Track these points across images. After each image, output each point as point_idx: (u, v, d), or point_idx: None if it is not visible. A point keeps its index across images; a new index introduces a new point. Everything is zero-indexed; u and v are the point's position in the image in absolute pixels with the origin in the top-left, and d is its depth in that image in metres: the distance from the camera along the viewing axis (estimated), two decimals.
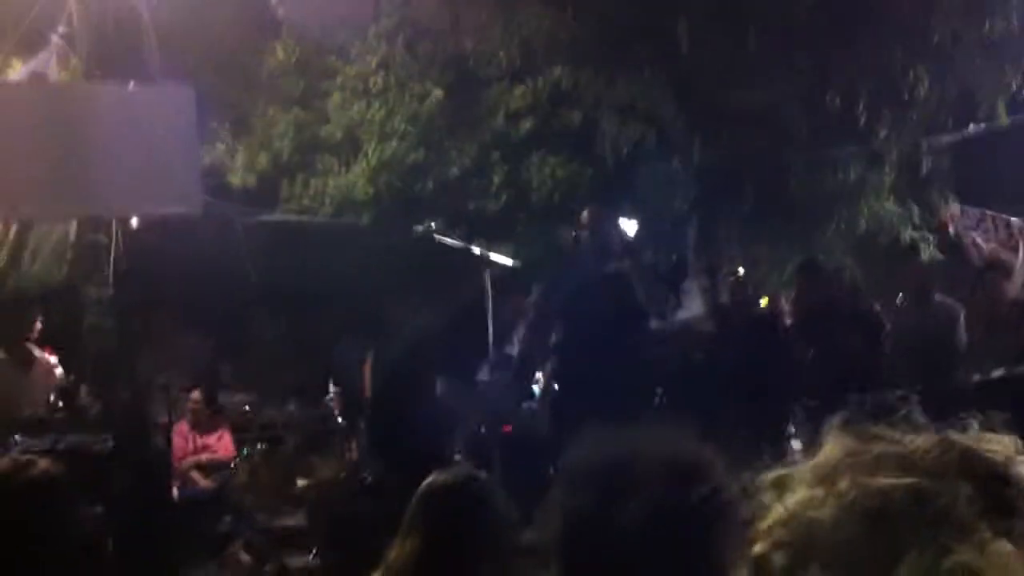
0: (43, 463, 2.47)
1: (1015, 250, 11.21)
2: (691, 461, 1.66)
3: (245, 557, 7.75)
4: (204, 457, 8.19)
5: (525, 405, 9.25)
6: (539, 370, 10.22)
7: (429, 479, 2.94)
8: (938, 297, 9.04)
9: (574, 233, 11.80)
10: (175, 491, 7.64)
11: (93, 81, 7.54)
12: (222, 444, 8.32)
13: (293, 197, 10.71)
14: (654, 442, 1.70)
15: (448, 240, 5.32)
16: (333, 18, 11.32)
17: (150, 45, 8.34)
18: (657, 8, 12.09)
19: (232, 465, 8.12)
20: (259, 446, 8.24)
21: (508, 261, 5.38)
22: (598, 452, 1.73)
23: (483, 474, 3.01)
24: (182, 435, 8.15)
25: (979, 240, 11.54)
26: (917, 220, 13.19)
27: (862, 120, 12.86)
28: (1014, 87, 12.22)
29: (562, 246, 11.91)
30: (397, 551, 2.91)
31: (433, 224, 5.38)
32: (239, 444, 8.37)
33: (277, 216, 10.28)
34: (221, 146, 10.73)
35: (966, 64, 12.58)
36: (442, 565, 2.82)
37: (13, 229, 7.42)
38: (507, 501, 2.98)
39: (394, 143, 10.65)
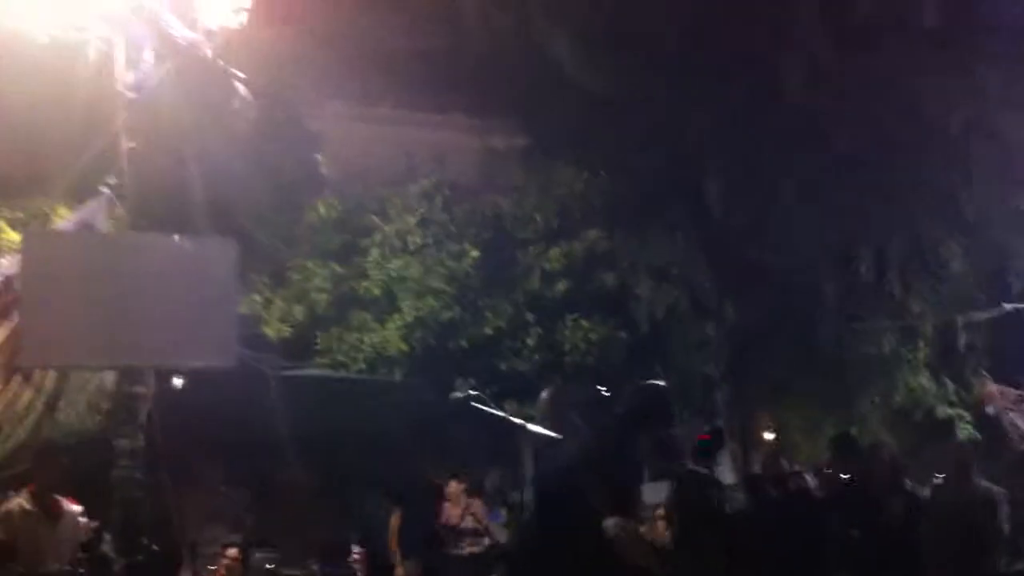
0: None
1: None
2: None
3: None
4: None
5: None
6: None
7: None
8: (978, 479, 8.82)
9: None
10: None
11: (139, 231, 7.64)
12: None
13: (327, 350, 10.72)
14: None
15: (486, 408, 5.27)
16: (375, 178, 11.58)
17: (196, 197, 8.50)
18: (690, 173, 12.29)
19: None
20: None
21: (550, 434, 5.31)
22: None
23: None
24: None
25: (1018, 421, 11.38)
26: (952, 396, 13.03)
27: (895, 291, 12.88)
28: None
29: None
30: None
31: (471, 392, 5.33)
32: None
33: (309, 370, 10.26)
34: (258, 297, 10.81)
35: (999, 241, 12.66)
36: None
37: (51, 376, 7.42)
38: None
39: (430, 300, 10.72)
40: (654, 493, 7.77)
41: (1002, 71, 11.66)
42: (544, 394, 5.76)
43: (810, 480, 9.90)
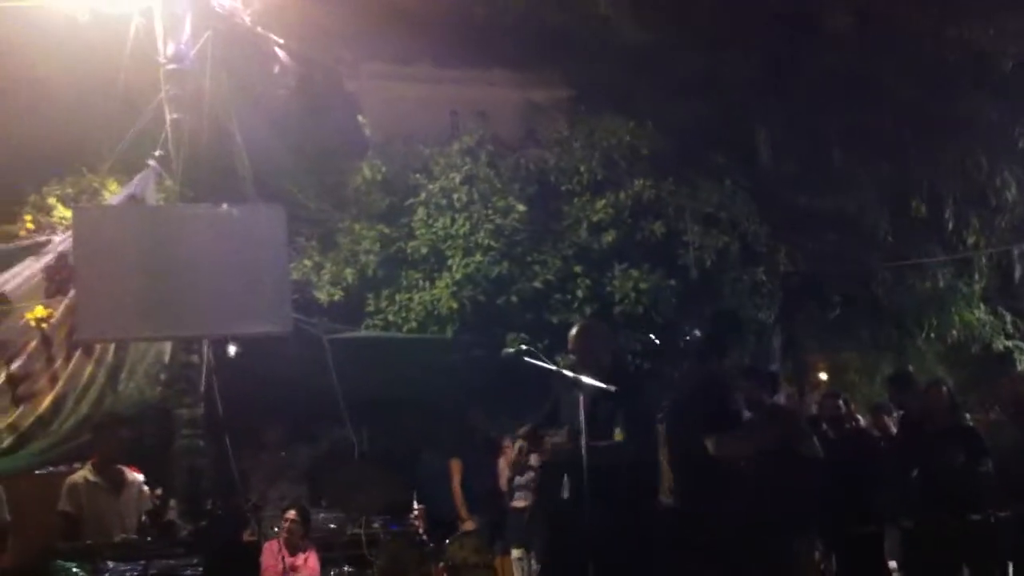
0: None
1: None
2: None
3: None
4: None
5: None
6: None
7: None
8: None
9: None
10: None
11: (187, 202, 7.71)
12: (308, 565, 8.23)
13: (378, 311, 10.81)
14: None
15: (539, 362, 5.29)
16: (418, 137, 11.59)
17: (242, 165, 8.55)
18: (737, 120, 12.17)
19: None
20: (345, 568, 8.12)
21: (603, 386, 5.32)
22: None
23: None
24: (272, 554, 8.09)
25: None
26: (1010, 328, 12.87)
27: (949, 226, 12.71)
28: None
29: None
30: None
31: (524, 347, 5.35)
32: (324, 564, 8.28)
33: (363, 332, 10.36)
34: (308, 262, 10.91)
35: None
36: None
37: (111, 350, 7.55)
38: None
39: (478, 257, 10.74)
40: None
41: None
42: (573, 331, 5.74)
43: (864, 421, 9.86)
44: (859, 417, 9.73)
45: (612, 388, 5.44)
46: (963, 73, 12.02)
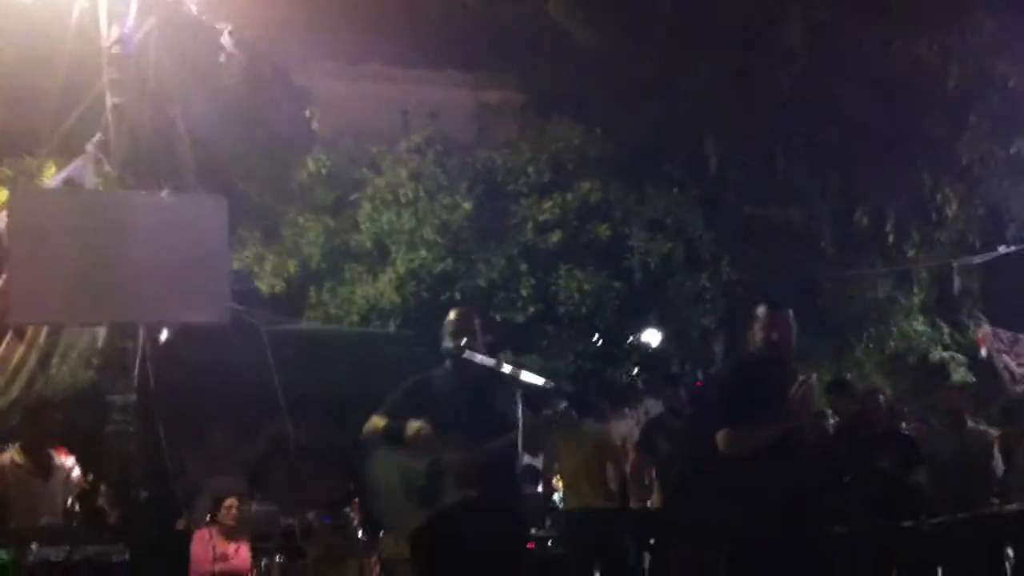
0: None
1: None
2: None
3: None
4: (219, 568, 8.00)
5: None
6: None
7: None
8: (971, 422, 8.85)
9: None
10: None
11: (127, 188, 7.58)
12: (239, 555, 8.13)
13: (320, 304, 10.73)
14: None
15: (478, 357, 5.25)
16: (366, 134, 11.53)
17: (184, 153, 8.44)
18: (687, 126, 12.24)
19: None
20: (277, 558, 8.03)
21: (540, 381, 5.28)
22: None
23: None
24: (203, 542, 7.98)
25: (1011, 363, 11.40)
26: (947, 340, 13.06)
27: (891, 239, 12.87)
28: None
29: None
30: None
31: (464, 340, 5.30)
32: (257, 555, 8.18)
33: (303, 324, 10.28)
34: (250, 253, 10.81)
35: (994, 185, 12.62)
36: None
37: (44, 333, 7.41)
38: None
39: (423, 252, 10.71)
40: None
41: (999, 20, 11.58)
42: (451, 315, 5.59)
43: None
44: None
45: (550, 384, 5.39)
46: (909, 89, 12.18)
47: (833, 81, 12.24)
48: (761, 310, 5.41)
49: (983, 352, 11.82)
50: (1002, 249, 12.86)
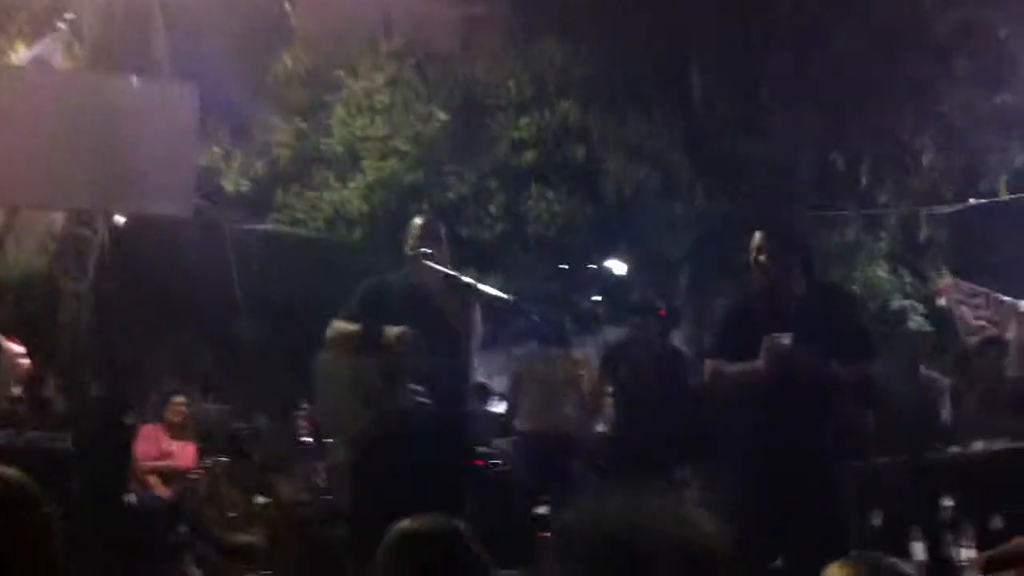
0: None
1: (1004, 328, 11.14)
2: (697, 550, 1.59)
3: (196, 571, 7.56)
4: (162, 464, 7.99)
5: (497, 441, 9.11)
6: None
7: (400, 526, 2.75)
8: (924, 369, 8.95)
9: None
10: (132, 496, 7.45)
11: (96, 71, 7.41)
12: (185, 453, 8.11)
13: (286, 207, 10.59)
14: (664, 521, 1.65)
15: (439, 268, 5.17)
16: (345, 30, 11.26)
17: (158, 39, 8.24)
18: (673, 53, 12.07)
19: (192, 476, 7.90)
20: (222, 458, 8.02)
21: (500, 294, 5.24)
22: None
23: (461, 524, 2.81)
24: (147, 439, 7.94)
25: (968, 315, 11.46)
26: (908, 288, 13.11)
27: (864, 183, 12.84)
28: (1018, 163, 12.21)
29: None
30: None
31: (425, 251, 5.23)
32: (202, 454, 8.16)
33: (267, 225, 10.15)
34: (218, 149, 10.62)
35: (972, 136, 12.58)
36: None
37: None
38: (486, 554, 2.80)
39: (393, 162, 10.56)
40: None
41: None
42: (415, 220, 5.47)
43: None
44: None
45: (509, 297, 5.35)
46: (899, 31, 12.05)
47: (823, 19, 12.09)
48: (755, 239, 5.02)
49: (942, 302, 11.85)
50: (972, 201, 12.87)
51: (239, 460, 7.91)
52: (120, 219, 7.53)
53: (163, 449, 7.94)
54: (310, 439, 8.33)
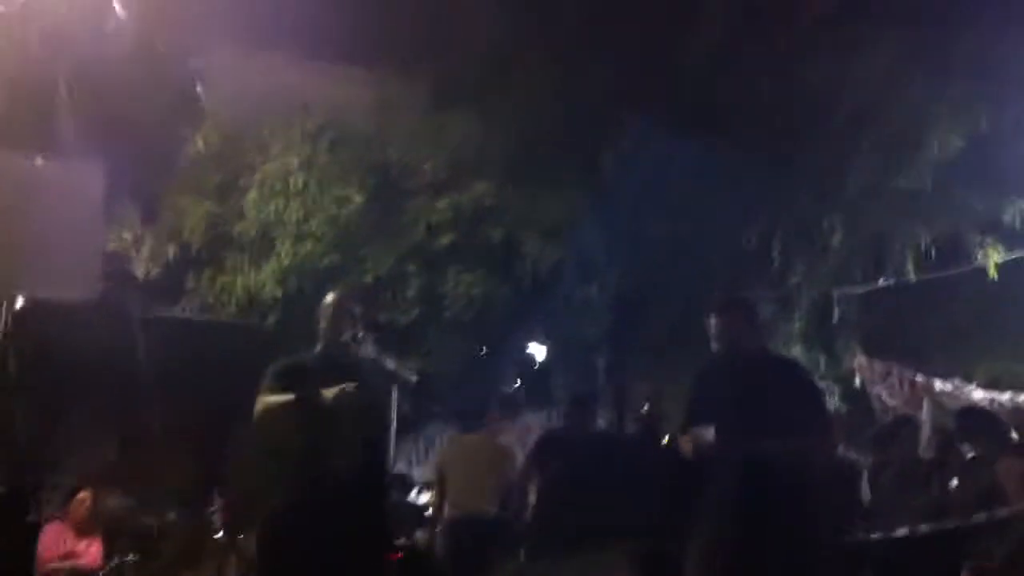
0: None
1: (918, 406, 11.30)
2: None
3: None
4: (68, 564, 7.56)
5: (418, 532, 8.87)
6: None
7: None
8: (841, 450, 8.98)
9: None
10: None
11: None
12: (90, 552, 7.70)
13: (198, 292, 10.32)
14: None
15: (367, 352, 5.03)
16: (258, 112, 11.11)
17: (65, 119, 8.04)
18: (585, 132, 12.17)
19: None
20: (131, 556, 7.62)
21: (407, 375, 5.11)
22: None
23: None
24: (52, 538, 7.53)
25: (884, 394, 11.62)
26: (823, 368, 13.25)
27: (776, 263, 13.02)
28: (924, 244, 12.50)
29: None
30: None
31: (357, 333, 5.08)
32: (109, 552, 7.75)
33: (178, 312, 9.85)
34: (127, 233, 10.33)
35: (878, 217, 12.87)
36: None
37: None
38: None
39: (308, 245, 10.38)
40: None
41: (895, 52, 11.80)
42: (329, 298, 5.36)
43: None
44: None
45: (414, 378, 5.22)
46: (802, 115, 12.33)
47: (728, 100, 12.33)
48: (709, 318, 5.11)
49: (857, 382, 12.01)
50: (881, 282, 13.13)
51: (149, 557, 7.52)
52: (21, 302, 7.21)
53: (68, 549, 7.53)
54: (222, 533, 7.97)
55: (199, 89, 10.81)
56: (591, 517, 7.52)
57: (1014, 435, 7.58)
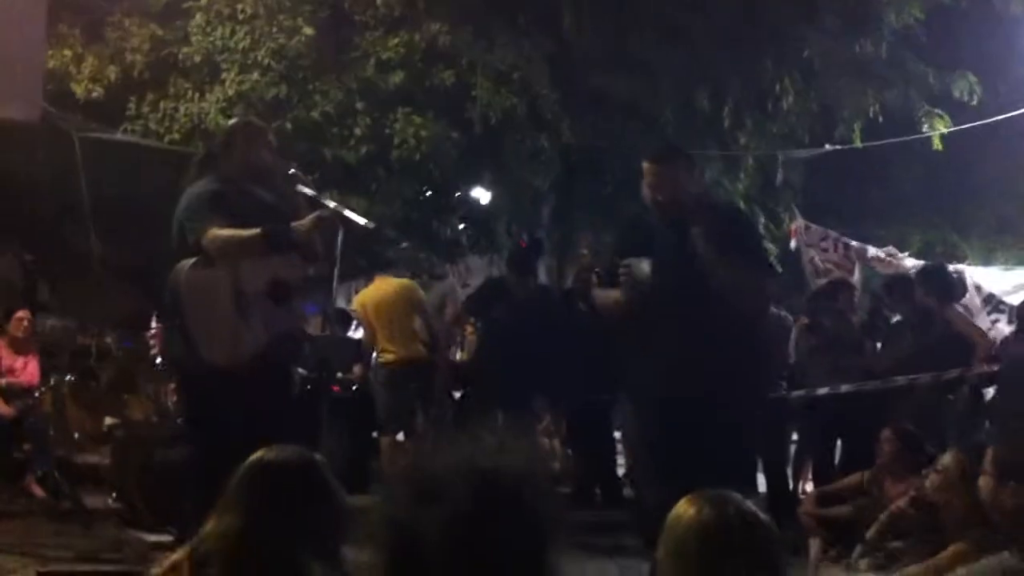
0: None
1: (850, 271, 11.55)
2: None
3: (39, 491, 7.28)
4: (4, 381, 7.61)
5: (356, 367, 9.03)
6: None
7: (256, 455, 2.72)
8: (776, 308, 9.19)
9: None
10: None
11: None
12: (27, 370, 7.75)
13: (140, 116, 10.12)
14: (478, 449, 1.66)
15: (305, 189, 4.99)
16: None
17: None
18: None
19: (36, 394, 7.55)
20: (68, 377, 7.68)
21: (362, 221, 5.10)
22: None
23: (315, 455, 2.81)
24: None
25: (817, 257, 11.85)
26: (762, 229, 13.44)
27: (726, 124, 13.05)
28: (872, 112, 12.58)
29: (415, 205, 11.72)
30: (213, 525, 2.68)
31: (292, 170, 5.03)
32: (46, 372, 7.80)
33: (119, 136, 9.65)
34: (68, 52, 10.04)
35: (831, 84, 12.90)
36: (261, 547, 2.60)
37: None
38: (338, 485, 2.80)
39: (255, 75, 10.16)
40: None
41: None
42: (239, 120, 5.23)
43: None
44: None
45: (370, 224, 5.21)
46: None
47: None
48: (644, 163, 4.88)
49: (793, 244, 12.22)
50: (827, 147, 13.25)
51: (86, 379, 7.59)
52: None
53: (5, 365, 7.57)
54: (160, 360, 8.03)
55: None
56: (526, 371, 7.73)
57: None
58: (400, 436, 8.12)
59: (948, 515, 4.79)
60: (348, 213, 4.98)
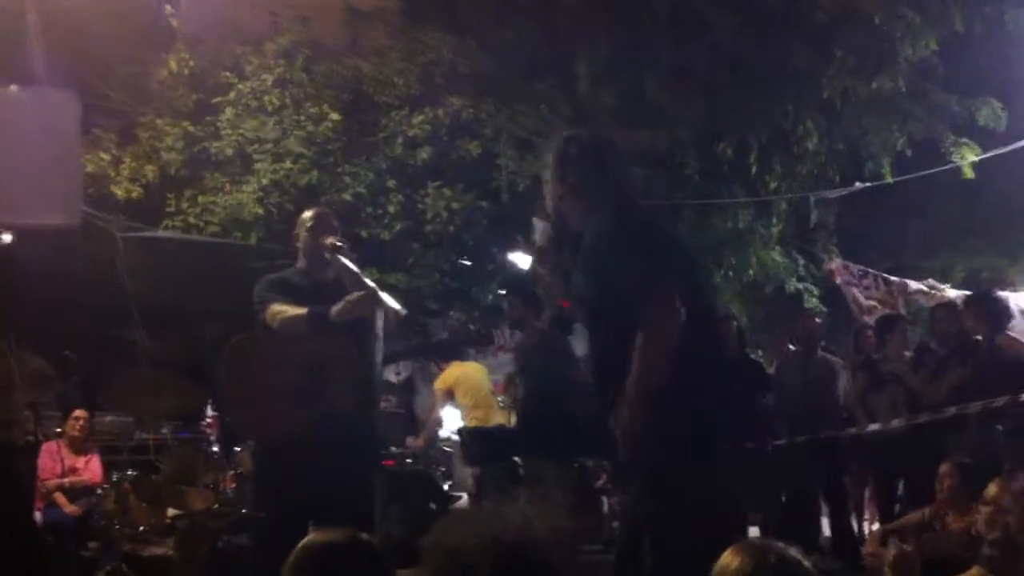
0: None
1: (894, 306, 11.50)
2: None
3: None
4: (68, 481, 7.77)
5: (409, 440, 9.09)
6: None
7: (305, 540, 2.74)
8: (821, 350, 9.16)
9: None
10: (39, 515, 7.23)
11: None
12: (90, 468, 7.90)
13: (179, 212, 10.36)
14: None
15: (348, 263, 5.08)
16: (229, 32, 11.04)
17: (35, 46, 7.98)
18: (559, 44, 12.13)
19: (99, 491, 7.69)
20: (129, 472, 7.81)
21: (396, 306, 5.15)
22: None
23: (366, 537, 2.82)
24: (51, 455, 7.71)
25: (859, 295, 11.81)
26: (802, 271, 13.42)
27: (753, 170, 13.09)
28: (899, 147, 12.58)
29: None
30: None
31: (339, 243, 5.13)
32: (108, 469, 7.94)
33: (160, 233, 9.89)
34: (105, 155, 10.33)
35: (854, 121, 12.92)
36: None
37: None
38: (389, 564, 2.81)
39: (287, 163, 10.40)
40: None
41: None
42: (308, 213, 5.41)
43: None
44: None
45: (403, 311, 5.27)
46: (779, 20, 12.29)
47: (706, 7, 12.28)
48: None
49: (838, 281, 12.21)
50: (858, 185, 13.23)
51: (146, 473, 7.70)
52: (7, 237, 7.27)
53: (67, 465, 7.72)
54: (218, 448, 8.17)
55: (168, 9, 10.72)
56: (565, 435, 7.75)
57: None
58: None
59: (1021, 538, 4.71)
60: (383, 296, 5.05)
